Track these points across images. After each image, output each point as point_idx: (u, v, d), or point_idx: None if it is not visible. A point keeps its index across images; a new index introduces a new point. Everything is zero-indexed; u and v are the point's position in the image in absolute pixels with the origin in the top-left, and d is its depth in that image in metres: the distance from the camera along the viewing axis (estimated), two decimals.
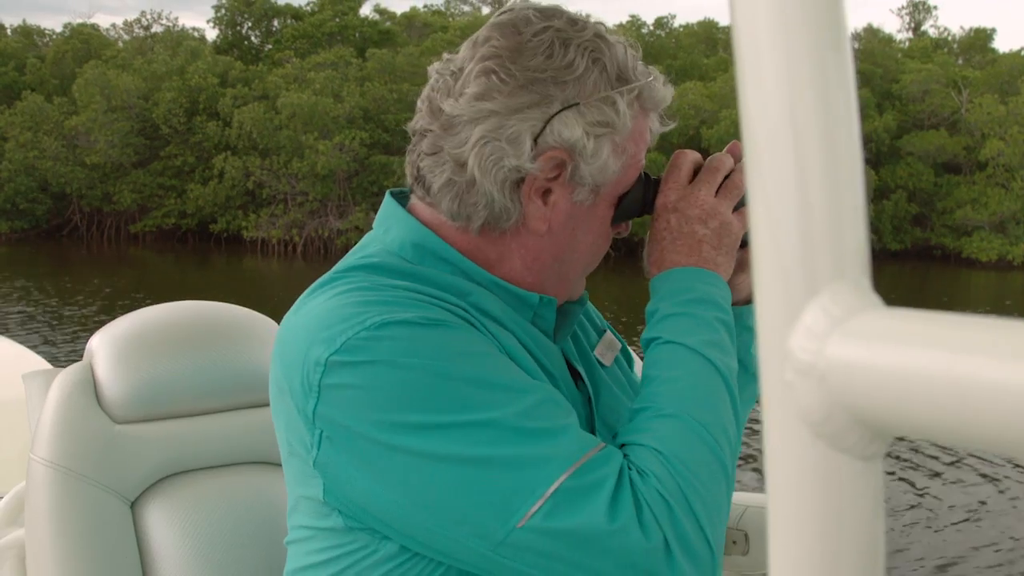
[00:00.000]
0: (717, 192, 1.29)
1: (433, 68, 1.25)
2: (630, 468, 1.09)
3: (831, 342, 0.38)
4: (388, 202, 1.29)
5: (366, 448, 1.09)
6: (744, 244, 1.35)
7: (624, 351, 1.45)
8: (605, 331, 1.43)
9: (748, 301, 1.42)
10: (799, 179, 0.39)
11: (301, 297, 1.22)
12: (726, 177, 1.31)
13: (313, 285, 1.22)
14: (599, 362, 1.36)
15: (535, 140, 1.18)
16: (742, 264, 1.38)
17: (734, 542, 1.80)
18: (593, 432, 1.24)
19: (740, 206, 1.30)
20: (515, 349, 1.19)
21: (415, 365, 1.08)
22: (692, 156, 1.32)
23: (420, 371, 1.08)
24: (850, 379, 0.37)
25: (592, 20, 1.25)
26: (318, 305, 1.16)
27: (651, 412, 1.15)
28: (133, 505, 1.61)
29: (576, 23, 1.22)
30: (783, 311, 0.39)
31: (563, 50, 1.18)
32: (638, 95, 1.22)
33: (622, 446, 1.14)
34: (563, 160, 1.19)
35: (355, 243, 1.32)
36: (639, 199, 1.28)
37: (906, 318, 0.37)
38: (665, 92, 1.26)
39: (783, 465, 0.40)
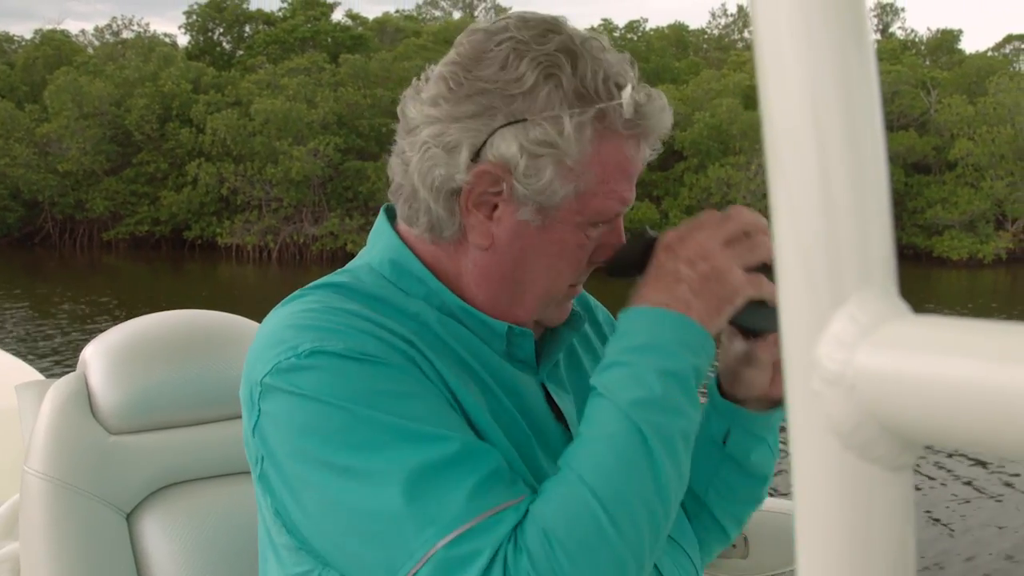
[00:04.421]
0: (729, 244, 1.16)
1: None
2: (510, 541, 1.04)
3: (860, 351, 0.37)
4: (379, 217, 1.29)
5: (287, 474, 1.11)
6: (756, 332, 1.24)
7: None
8: None
9: (750, 399, 1.32)
10: (823, 184, 0.38)
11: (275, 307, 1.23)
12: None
13: (288, 296, 1.23)
14: None
15: (476, 153, 1.13)
16: (749, 358, 1.27)
17: (734, 545, 1.78)
18: None
19: (760, 271, 1.16)
20: (466, 386, 1.15)
21: (330, 402, 1.08)
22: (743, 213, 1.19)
23: (334, 408, 1.08)
24: (881, 388, 0.37)
25: (574, 32, 1.16)
26: (275, 320, 1.17)
27: (561, 475, 1.09)
28: (129, 517, 1.60)
29: (544, 35, 1.14)
30: (809, 319, 0.38)
31: (516, 62, 1.12)
32: (600, 117, 1.12)
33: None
34: (498, 176, 1.13)
35: (330, 249, 1.32)
36: (634, 256, 1.19)
37: (936, 325, 0.37)
38: (658, 119, 1.16)
39: (811, 476, 0.39)
